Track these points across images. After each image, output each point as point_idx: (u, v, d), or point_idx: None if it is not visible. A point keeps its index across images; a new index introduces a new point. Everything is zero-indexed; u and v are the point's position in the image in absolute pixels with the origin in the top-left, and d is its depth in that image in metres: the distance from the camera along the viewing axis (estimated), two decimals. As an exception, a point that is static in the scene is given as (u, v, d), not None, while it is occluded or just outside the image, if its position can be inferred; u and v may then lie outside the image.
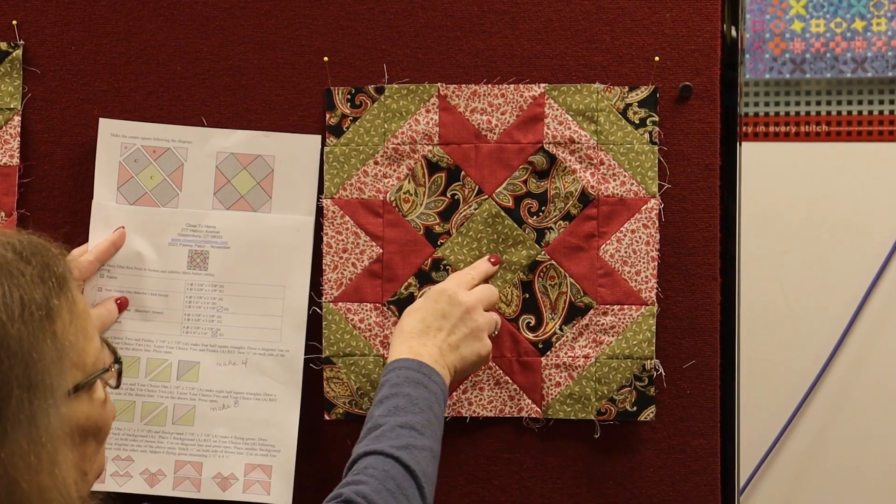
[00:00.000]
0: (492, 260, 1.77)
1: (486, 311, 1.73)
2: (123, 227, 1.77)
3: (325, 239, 1.79)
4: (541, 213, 1.78)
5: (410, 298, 1.78)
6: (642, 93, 1.77)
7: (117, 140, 1.78)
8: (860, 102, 3.30)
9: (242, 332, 1.78)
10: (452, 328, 1.68)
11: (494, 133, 1.79)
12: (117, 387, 1.36)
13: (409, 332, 1.68)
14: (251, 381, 1.78)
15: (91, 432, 1.30)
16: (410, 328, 1.68)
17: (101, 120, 1.77)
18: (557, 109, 1.78)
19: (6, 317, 1.19)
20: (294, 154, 1.78)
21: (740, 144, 1.80)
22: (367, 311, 1.79)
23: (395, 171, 1.79)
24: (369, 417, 1.60)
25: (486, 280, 1.77)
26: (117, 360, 1.35)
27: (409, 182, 1.79)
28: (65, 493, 1.23)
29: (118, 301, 1.76)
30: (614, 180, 1.77)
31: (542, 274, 1.78)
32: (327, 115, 1.79)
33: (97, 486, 1.73)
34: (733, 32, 1.79)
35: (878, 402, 3.34)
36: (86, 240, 1.76)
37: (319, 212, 1.79)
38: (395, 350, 1.67)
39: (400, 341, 1.67)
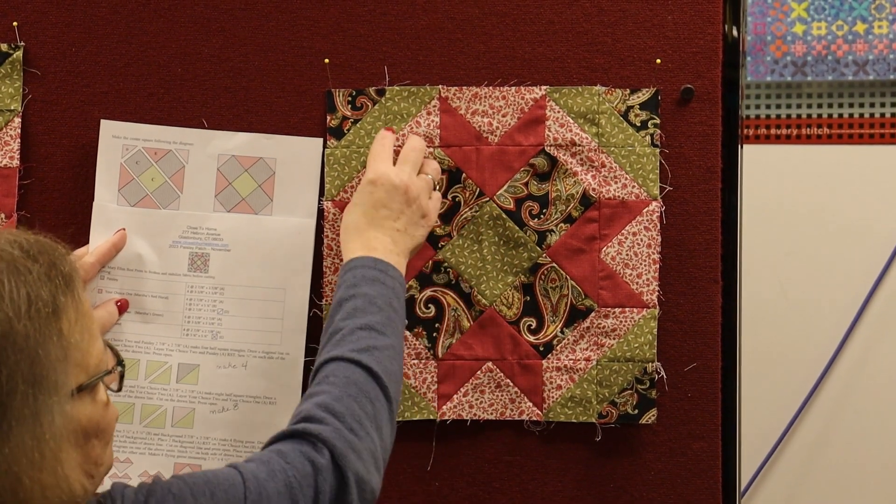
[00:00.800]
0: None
1: (419, 173, 1.72)
2: (124, 229, 1.77)
3: (325, 241, 1.79)
4: (542, 216, 1.78)
5: (411, 301, 1.78)
6: (644, 95, 1.77)
7: (118, 142, 1.77)
8: (861, 105, 3.30)
9: (243, 334, 1.78)
10: (397, 215, 1.66)
11: (495, 135, 1.78)
12: (119, 390, 1.36)
13: (355, 228, 1.66)
14: (251, 384, 1.78)
15: (93, 434, 1.30)
16: (355, 224, 1.66)
17: (102, 121, 1.77)
18: (559, 112, 1.77)
19: (13, 313, 1.19)
20: (295, 157, 1.78)
21: (742, 147, 1.80)
22: (367, 313, 1.79)
23: (395, 173, 1.78)
24: (329, 322, 1.58)
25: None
26: (120, 364, 1.35)
27: (409, 184, 1.78)
28: (67, 492, 1.23)
29: (118, 303, 1.76)
30: (615, 183, 1.77)
31: (543, 276, 1.78)
32: (328, 118, 1.79)
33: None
34: (734, 35, 1.78)
35: (880, 405, 3.33)
36: (86, 241, 1.76)
37: (320, 214, 1.78)
38: (348, 248, 1.65)
39: (349, 238, 1.66)
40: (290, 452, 1.42)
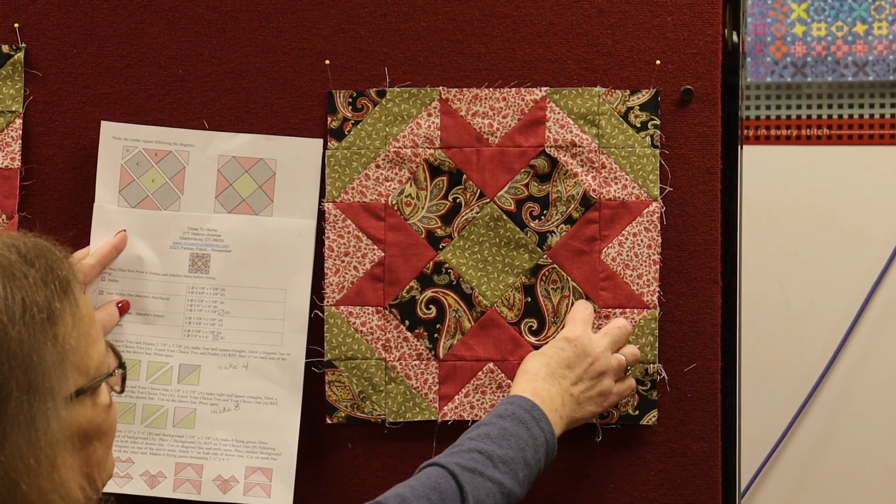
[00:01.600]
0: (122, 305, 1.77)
1: (615, 351, 1.72)
2: (125, 231, 1.77)
3: (326, 242, 1.79)
4: (542, 217, 1.78)
5: (412, 302, 1.78)
6: (644, 96, 1.77)
7: (119, 143, 1.78)
8: (861, 106, 3.30)
9: (244, 335, 1.78)
10: (578, 378, 1.67)
11: (496, 136, 1.78)
12: (122, 392, 1.36)
13: (533, 374, 1.66)
14: (252, 384, 1.78)
15: (94, 436, 1.29)
16: (535, 370, 1.67)
17: (102, 123, 1.77)
18: (559, 113, 1.78)
19: (7, 319, 1.19)
20: (296, 158, 1.78)
21: (741, 148, 1.80)
22: (368, 314, 1.79)
23: (396, 174, 1.79)
24: (461, 437, 1.59)
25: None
26: (121, 365, 1.35)
27: (410, 185, 1.79)
28: (65, 497, 1.23)
29: (119, 304, 1.76)
30: (616, 184, 1.77)
31: (543, 278, 1.78)
32: (329, 119, 1.79)
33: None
34: (734, 36, 1.79)
35: (880, 406, 3.33)
36: (87, 243, 1.76)
37: (321, 215, 1.79)
38: (517, 388, 1.65)
39: (524, 380, 1.66)
40: None
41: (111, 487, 1.76)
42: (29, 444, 1.19)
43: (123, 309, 1.76)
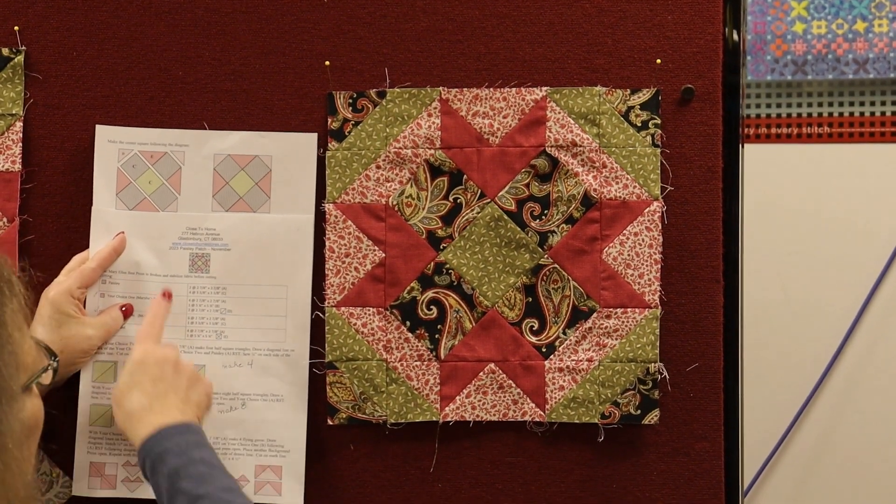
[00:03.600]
0: (166, 295, 1.76)
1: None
2: (123, 233, 1.77)
3: (327, 244, 1.79)
4: (543, 217, 1.78)
5: (413, 302, 1.78)
6: (644, 95, 1.77)
7: (114, 146, 1.78)
8: (862, 104, 3.30)
9: (247, 333, 1.78)
10: (174, 387, 1.66)
11: (496, 137, 1.78)
12: (50, 384, 1.38)
13: (141, 410, 1.62)
14: (258, 382, 1.78)
15: (36, 428, 1.33)
16: (141, 406, 1.62)
17: (97, 127, 1.77)
18: (559, 113, 1.77)
19: None
20: (291, 153, 1.78)
21: (742, 146, 1.80)
22: (370, 315, 1.79)
23: (397, 175, 1.79)
24: (175, 492, 1.54)
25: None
26: (54, 357, 1.36)
27: (411, 186, 1.79)
28: (26, 488, 1.25)
29: (123, 308, 1.76)
30: (617, 183, 1.77)
31: (545, 277, 1.78)
32: (329, 120, 1.79)
33: (107, 493, 1.74)
34: (735, 35, 1.79)
35: (883, 404, 3.33)
36: (87, 246, 1.76)
37: (322, 216, 1.79)
38: (138, 430, 1.60)
39: (137, 420, 1.62)
40: None
41: (122, 492, 1.76)
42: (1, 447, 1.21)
43: (127, 313, 1.76)
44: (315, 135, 1.79)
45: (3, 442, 1.22)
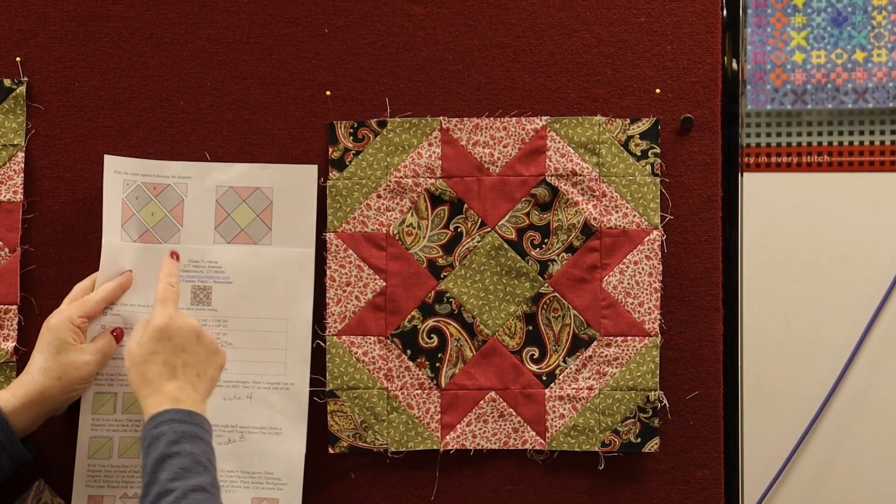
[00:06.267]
0: (173, 255, 1.77)
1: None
2: (131, 271, 1.77)
3: (328, 272, 1.79)
4: (543, 246, 1.78)
5: (414, 331, 1.78)
6: (644, 125, 1.78)
7: (120, 177, 1.78)
8: (861, 133, 3.31)
9: (247, 366, 1.78)
10: (194, 359, 1.67)
11: (497, 166, 1.79)
12: None
13: (158, 379, 1.64)
14: (256, 414, 1.78)
15: None
16: (159, 375, 1.64)
17: (105, 157, 1.77)
18: (559, 142, 1.78)
19: None
20: (291, 185, 1.79)
21: (742, 175, 1.81)
22: (370, 344, 1.79)
23: (397, 204, 1.79)
24: (152, 480, 1.55)
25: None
26: None
27: (411, 215, 1.79)
28: None
29: (115, 332, 1.75)
30: (616, 212, 1.77)
31: (545, 306, 1.79)
32: (330, 149, 1.80)
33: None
34: (734, 64, 1.79)
35: (882, 433, 3.33)
36: (87, 275, 1.76)
37: (323, 245, 1.79)
38: (150, 401, 1.62)
39: (153, 390, 1.63)
40: None
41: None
42: None
43: (119, 337, 1.76)
44: (315, 167, 1.79)
45: None
